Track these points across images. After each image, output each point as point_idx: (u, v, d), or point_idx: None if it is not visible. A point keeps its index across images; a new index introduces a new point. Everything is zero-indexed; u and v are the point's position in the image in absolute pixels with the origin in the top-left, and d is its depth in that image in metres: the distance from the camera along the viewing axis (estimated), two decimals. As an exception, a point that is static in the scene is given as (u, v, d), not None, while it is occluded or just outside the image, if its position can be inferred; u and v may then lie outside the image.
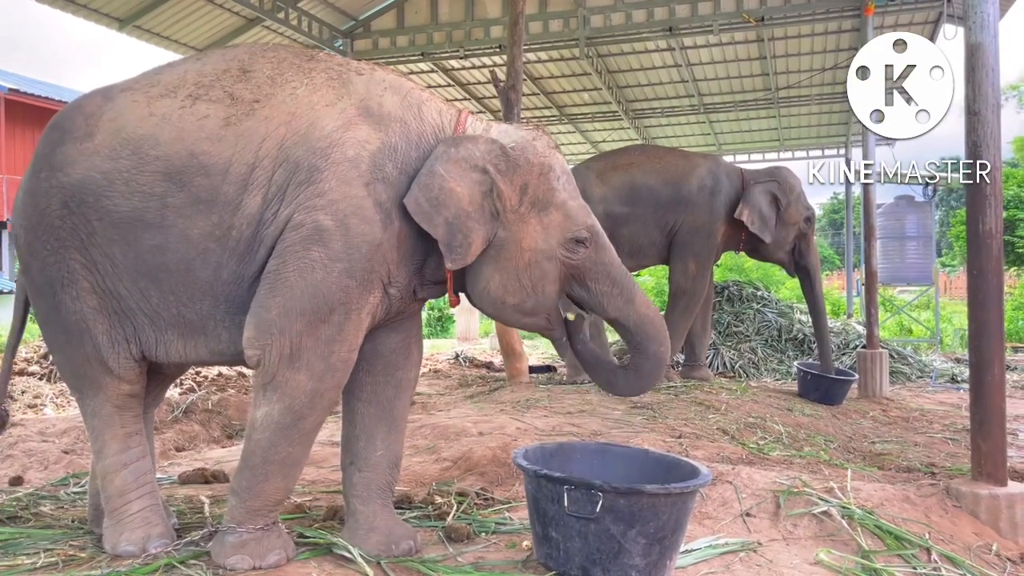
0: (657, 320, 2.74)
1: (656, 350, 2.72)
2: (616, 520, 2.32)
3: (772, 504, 3.34)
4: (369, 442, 2.73)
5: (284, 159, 2.48)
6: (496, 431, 4.89)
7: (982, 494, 3.31)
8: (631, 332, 2.71)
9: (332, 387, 2.50)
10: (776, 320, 10.30)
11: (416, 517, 3.15)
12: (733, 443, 5.11)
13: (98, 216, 2.52)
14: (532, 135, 2.65)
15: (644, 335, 2.71)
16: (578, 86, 13.14)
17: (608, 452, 2.87)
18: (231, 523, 2.50)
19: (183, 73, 2.64)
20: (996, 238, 3.41)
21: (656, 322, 2.73)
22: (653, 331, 2.72)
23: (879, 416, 7.05)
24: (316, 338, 2.43)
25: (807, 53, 11.79)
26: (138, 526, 2.62)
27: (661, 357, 2.73)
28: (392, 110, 2.60)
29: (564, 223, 2.60)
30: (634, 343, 2.73)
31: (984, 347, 3.42)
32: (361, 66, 2.72)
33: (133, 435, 2.70)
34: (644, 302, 2.72)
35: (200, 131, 2.49)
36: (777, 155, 16.57)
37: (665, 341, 2.74)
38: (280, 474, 2.50)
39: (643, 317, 2.70)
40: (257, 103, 2.54)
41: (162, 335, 2.60)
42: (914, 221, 14.55)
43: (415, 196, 2.48)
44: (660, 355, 2.72)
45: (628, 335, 2.73)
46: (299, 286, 2.40)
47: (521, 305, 2.65)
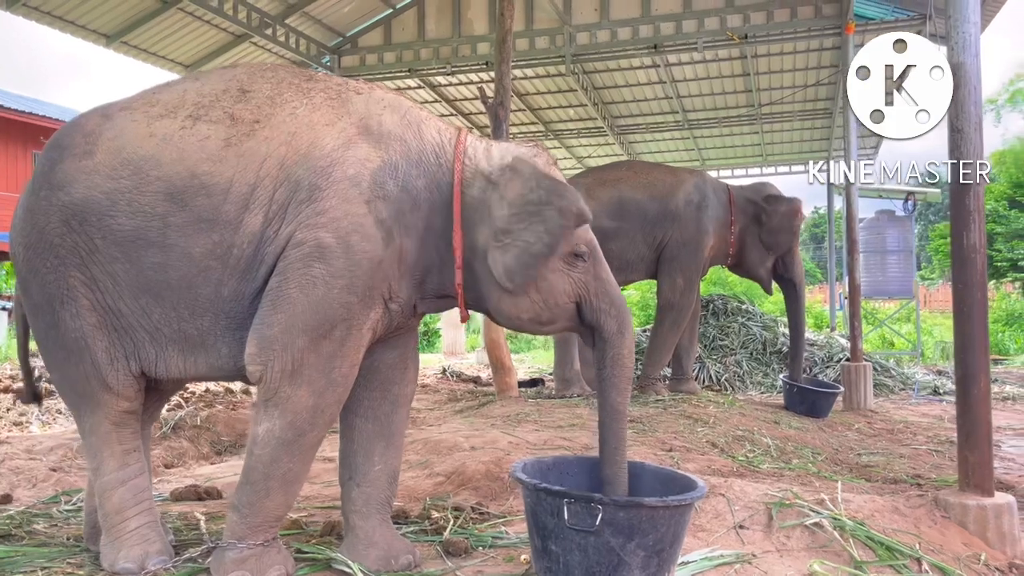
0: (627, 368, 2.68)
1: (614, 399, 2.65)
2: (615, 533, 2.34)
3: (764, 516, 3.38)
4: (367, 457, 2.75)
5: (285, 178, 2.51)
6: (488, 445, 4.91)
7: (970, 505, 3.36)
8: (604, 364, 2.67)
9: (333, 402, 2.52)
10: (761, 333, 10.38)
11: (413, 532, 3.16)
12: (723, 456, 5.15)
13: (100, 234, 2.53)
14: (532, 152, 2.69)
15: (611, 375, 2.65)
16: (564, 102, 13.26)
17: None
18: (231, 539, 2.51)
19: (182, 93, 2.67)
20: (980, 253, 3.47)
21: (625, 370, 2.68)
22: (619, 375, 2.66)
23: (864, 428, 7.12)
24: (318, 354, 2.45)
25: (789, 70, 11.96)
26: (136, 543, 2.62)
27: (617, 409, 2.66)
28: (392, 129, 2.63)
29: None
30: (600, 379, 2.69)
31: (970, 360, 3.48)
32: (360, 85, 2.76)
33: (131, 452, 2.71)
34: (630, 342, 2.69)
35: (201, 152, 2.52)
36: (760, 170, 16.78)
37: (624, 392, 2.68)
38: (281, 490, 2.52)
39: (619, 357, 2.66)
40: (257, 123, 2.57)
41: (162, 351, 2.61)
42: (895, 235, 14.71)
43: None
44: (616, 406, 2.65)
45: (600, 366, 2.69)
46: (301, 303, 2.43)
47: (537, 318, 2.69)
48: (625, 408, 2.68)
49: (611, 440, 2.65)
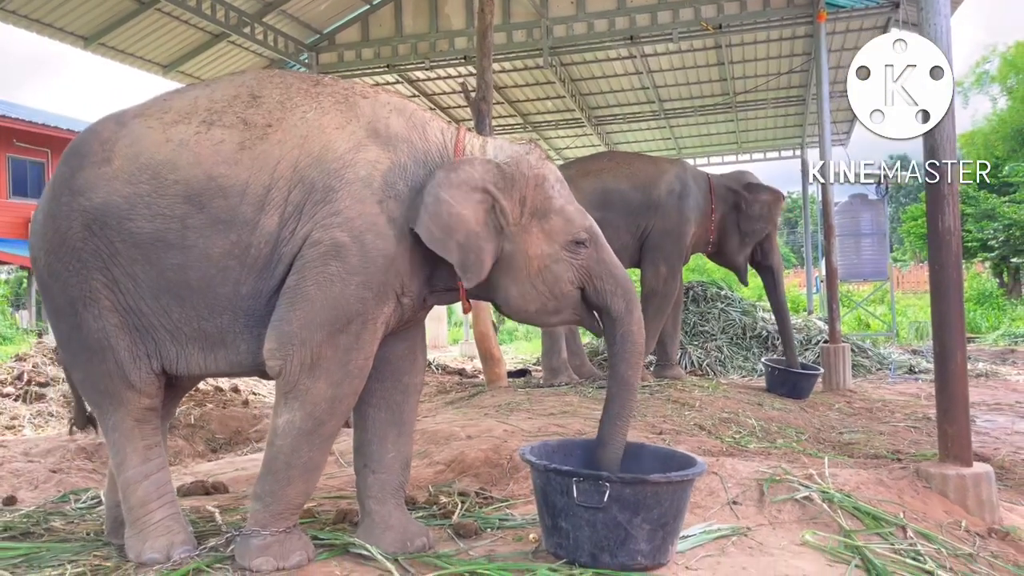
0: (639, 343, 2.79)
1: (625, 371, 2.76)
2: (622, 508, 2.48)
3: (757, 492, 3.52)
4: (381, 445, 2.86)
5: (299, 180, 2.61)
6: (484, 434, 5.02)
7: (950, 475, 3.51)
8: (614, 341, 2.78)
9: (350, 393, 2.64)
10: (740, 319, 10.56)
11: (423, 516, 3.28)
12: (711, 437, 5.31)
13: (121, 238, 2.62)
14: (524, 149, 2.80)
15: (622, 350, 2.75)
16: (542, 94, 13.38)
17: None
18: (255, 526, 2.61)
19: (194, 100, 2.76)
20: (955, 235, 3.62)
21: (637, 345, 2.78)
22: (631, 350, 2.75)
23: (844, 408, 7.32)
24: (335, 347, 2.56)
25: (763, 59, 12.16)
26: (161, 534, 2.72)
27: (628, 380, 2.75)
28: (399, 131, 2.74)
29: (564, 227, 2.76)
30: (612, 354, 2.81)
31: (947, 338, 3.63)
32: (366, 90, 2.86)
33: (153, 447, 2.80)
34: (639, 318, 2.79)
35: (216, 155, 2.61)
36: (736, 157, 17.01)
37: (636, 366, 2.78)
38: (302, 478, 2.63)
39: (630, 333, 2.76)
40: (270, 127, 2.66)
41: (183, 349, 2.71)
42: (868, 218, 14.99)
43: (426, 224, 2.60)
44: (627, 378, 2.75)
45: (611, 343, 2.80)
46: (319, 299, 2.53)
47: (544, 308, 2.80)
48: (635, 380, 2.79)
49: (614, 407, 2.76)
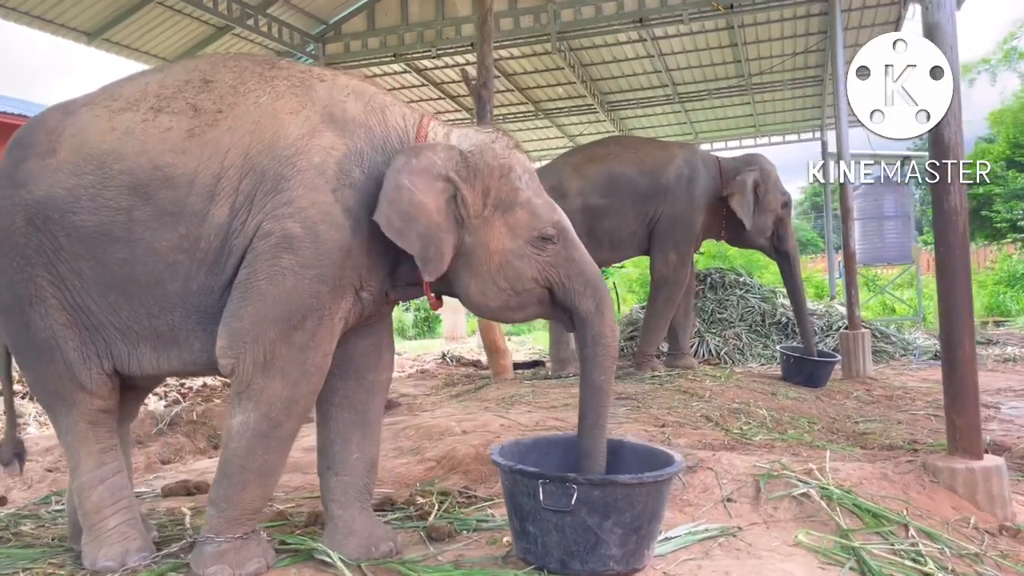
0: (611, 345, 2.63)
1: (597, 378, 2.60)
2: (592, 512, 2.33)
3: (752, 488, 3.37)
4: (345, 446, 2.74)
5: (250, 168, 2.48)
6: (480, 429, 4.90)
7: (958, 468, 3.34)
8: (585, 344, 2.62)
9: (307, 393, 2.51)
10: (759, 305, 10.35)
11: (398, 518, 3.16)
12: (716, 430, 5.14)
13: (65, 232, 2.51)
14: (491, 137, 2.65)
15: (593, 354, 2.60)
16: (552, 80, 13.15)
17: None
18: (209, 533, 2.50)
19: (144, 86, 2.64)
20: (961, 214, 3.43)
21: (609, 348, 2.62)
22: (602, 353, 2.59)
23: (863, 396, 7.10)
24: (290, 345, 2.43)
25: (777, 39, 11.84)
26: (116, 541, 2.62)
27: (601, 387, 2.60)
28: (356, 115, 2.60)
29: (530, 221, 2.59)
30: (582, 358, 2.64)
31: (954, 322, 3.44)
32: (324, 72, 2.73)
33: (108, 451, 2.70)
34: (610, 319, 2.64)
35: (163, 143, 2.49)
36: (754, 141, 16.63)
37: (608, 371, 2.63)
38: (258, 482, 2.51)
39: (601, 335, 2.60)
40: (220, 113, 2.54)
41: (134, 348, 2.60)
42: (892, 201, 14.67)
43: (384, 212, 2.46)
44: (600, 385, 2.60)
45: (582, 346, 2.64)
46: (271, 294, 2.41)
47: (506, 305, 2.65)
48: (608, 386, 2.64)
49: (590, 415, 2.61)
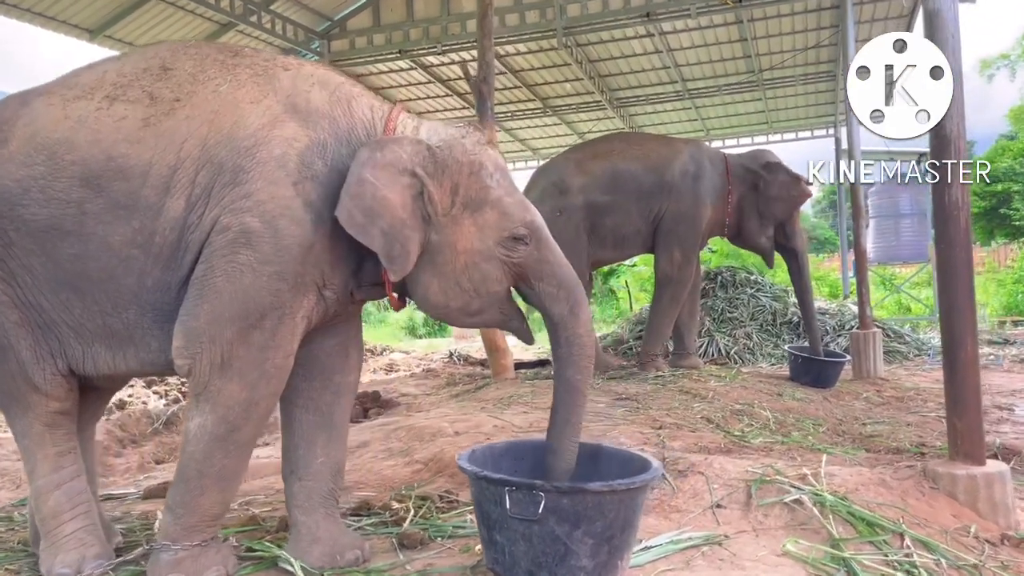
0: (587, 346, 2.52)
1: (574, 377, 2.50)
2: (560, 521, 2.22)
3: (744, 494, 3.25)
4: (309, 450, 2.64)
5: (207, 160, 2.38)
6: (472, 430, 4.79)
7: (959, 474, 3.20)
8: (559, 345, 2.51)
9: (267, 395, 2.41)
10: (771, 304, 10.21)
11: (373, 524, 3.06)
12: (716, 432, 5.01)
13: (14, 226, 2.42)
14: (461, 133, 2.53)
15: (569, 354, 2.48)
16: (559, 77, 13.02)
17: (563, 449, 2.76)
18: (165, 540, 2.41)
19: (102, 74, 2.55)
20: (963, 210, 3.29)
21: (585, 348, 2.51)
22: (578, 354, 2.48)
23: (873, 397, 6.94)
24: (248, 345, 2.33)
25: (788, 33, 11.65)
26: (73, 547, 2.53)
27: (577, 387, 2.50)
28: (320, 106, 2.50)
29: (500, 221, 2.47)
30: (557, 358, 2.54)
31: (955, 323, 3.31)
32: (288, 61, 2.63)
33: (65, 454, 2.60)
34: (586, 321, 2.52)
35: (117, 133, 2.39)
36: (766, 138, 16.38)
37: (585, 371, 2.52)
38: (216, 487, 2.41)
39: (576, 336, 2.48)
40: (178, 102, 2.44)
41: (88, 347, 2.50)
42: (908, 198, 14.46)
43: (346, 207, 2.35)
44: (577, 385, 2.49)
45: (556, 348, 2.53)
46: (228, 291, 2.31)
47: (466, 308, 2.54)
48: (584, 386, 2.53)
49: (562, 412, 2.50)
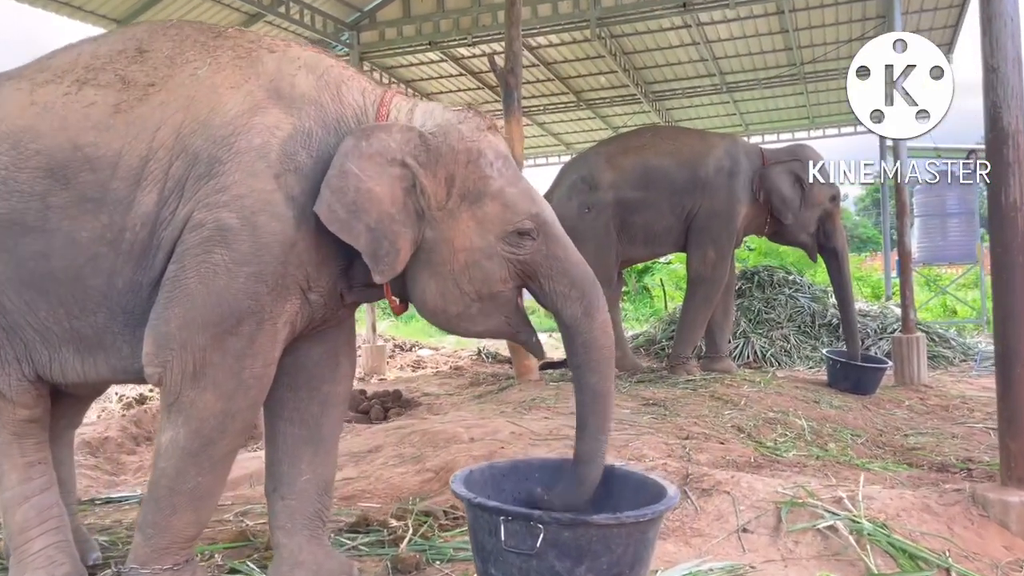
0: (607, 348, 2.28)
1: (596, 384, 2.25)
2: (561, 556, 1.99)
3: (773, 517, 3.00)
4: (293, 466, 2.43)
5: (182, 150, 2.18)
6: (488, 436, 4.58)
7: (1012, 501, 2.93)
8: (575, 352, 2.28)
9: (245, 407, 2.20)
10: (809, 305, 9.86)
11: (369, 543, 2.85)
12: (746, 443, 4.73)
13: None
14: (458, 117, 2.30)
15: (587, 360, 2.25)
16: (593, 69, 12.70)
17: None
18: (134, 563, 2.22)
19: (76, 56, 2.36)
20: (1022, 210, 3.01)
21: (605, 351, 2.27)
22: (597, 358, 2.25)
23: (916, 405, 6.59)
24: (223, 352, 2.13)
25: (832, 24, 11.22)
26: (41, 566, 2.35)
27: (600, 392, 2.26)
28: (306, 91, 2.29)
29: (502, 214, 2.25)
30: (574, 365, 2.30)
31: (1010, 334, 3.04)
32: (275, 43, 2.42)
33: (35, 465, 2.42)
34: (603, 322, 2.28)
35: (85, 120, 2.20)
36: (807, 133, 15.89)
37: (607, 376, 2.29)
38: (190, 507, 2.21)
39: (594, 340, 2.25)
40: (152, 87, 2.24)
41: (56, 352, 2.32)
42: (956, 197, 13.98)
43: (327, 202, 2.14)
44: (599, 389, 2.26)
45: (572, 353, 2.29)
46: (200, 294, 2.11)
47: (466, 312, 2.30)
48: (609, 389, 2.29)
49: (592, 421, 2.26)
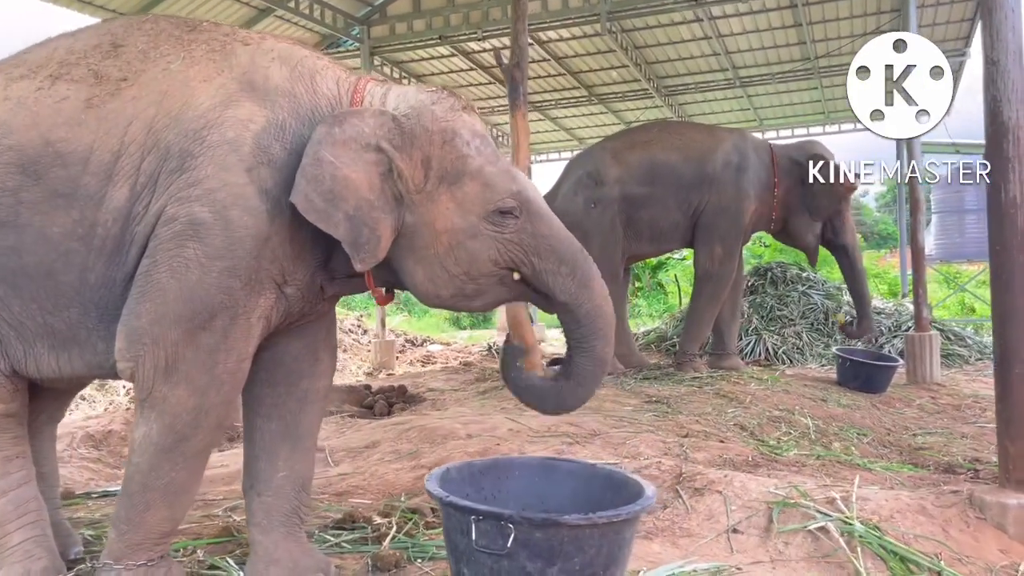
0: (609, 315, 2.32)
1: (602, 350, 2.31)
2: (533, 556, 1.95)
3: (764, 518, 2.96)
4: (270, 463, 2.41)
5: (154, 144, 2.17)
6: (485, 433, 4.55)
7: (1010, 504, 2.87)
8: (579, 323, 2.30)
9: (219, 403, 2.19)
10: (822, 302, 9.74)
11: (352, 540, 2.83)
12: (748, 441, 4.68)
13: None
14: (431, 98, 2.27)
15: (592, 329, 2.30)
16: (605, 64, 12.63)
17: (553, 468, 2.48)
18: (108, 558, 2.21)
19: (52, 51, 2.35)
20: (1022, 208, 2.95)
21: (608, 317, 2.32)
22: (603, 325, 2.31)
23: (927, 404, 6.50)
24: (196, 348, 2.12)
25: (846, 17, 11.08)
26: (18, 560, 2.34)
27: (604, 359, 2.34)
28: (280, 83, 2.26)
29: (482, 193, 2.23)
30: (578, 337, 2.31)
31: (1009, 334, 2.98)
32: (249, 35, 2.40)
33: (13, 459, 2.41)
34: (601, 290, 2.32)
35: (57, 115, 2.19)
36: (823, 128, 15.71)
37: (611, 342, 2.34)
38: (163, 503, 2.20)
39: (597, 308, 2.29)
40: (124, 81, 2.23)
41: (30, 348, 2.30)
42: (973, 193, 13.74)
43: (303, 192, 2.12)
44: (604, 356, 2.33)
45: (574, 326, 2.31)
46: (172, 289, 2.10)
47: (461, 292, 2.30)
48: (610, 354, 2.39)
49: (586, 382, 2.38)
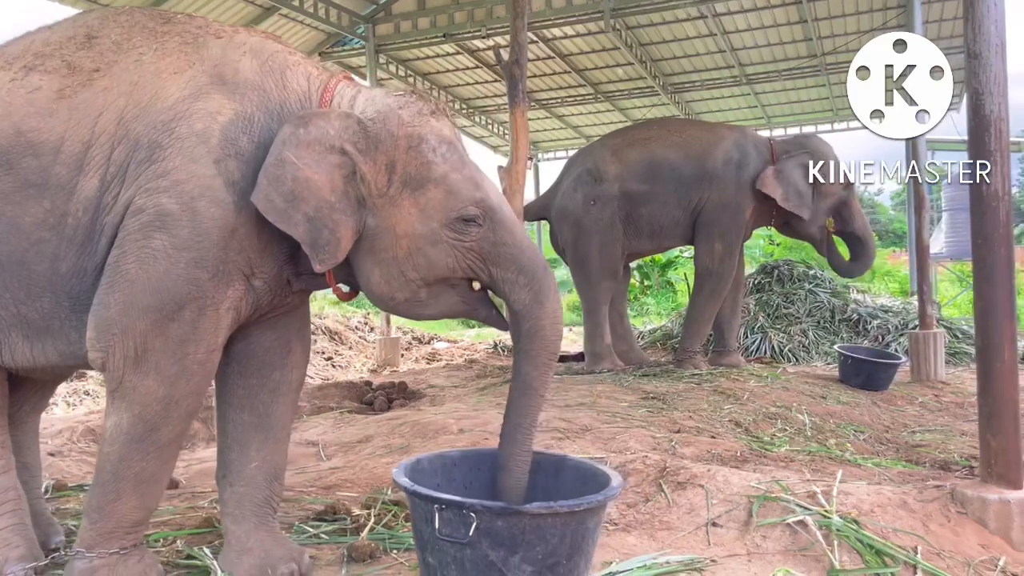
0: (559, 331, 2.27)
1: (546, 361, 2.23)
2: (495, 545, 1.96)
3: (744, 512, 2.95)
4: (242, 453, 2.43)
5: (124, 135, 2.20)
6: (477, 428, 4.57)
7: (991, 499, 2.85)
8: (519, 337, 2.25)
9: (189, 393, 2.21)
10: (829, 300, 9.68)
11: (330, 531, 2.85)
12: (741, 437, 4.67)
13: None
14: (399, 103, 2.27)
15: (528, 348, 2.23)
16: (610, 61, 12.60)
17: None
18: (80, 547, 2.23)
19: (29, 43, 2.39)
20: (1004, 200, 2.93)
21: (557, 333, 2.26)
22: (551, 340, 2.24)
23: (930, 402, 6.46)
24: (165, 338, 2.14)
25: (852, 13, 11.01)
26: (-6, 547, 2.38)
27: (549, 368, 2.25)
28: (250, 76, 2.29)
29: (445, 201, 2.22)
30: (525, 347, 2.25)
31: (992, 328, 2.95)
32: (222, 28, 2.42)
33: (-9, 448, 2.46)
34: (554, 306, 2.25)
35: (29, 105, 2.22)
36: (831, 126, 15.62)
37: (556, 354, 2.27)
38: (134, 492, 2.22)
39: (540, 330, 2.22)
40: (96, 72, 2.26)
41: (5, 338, 2.33)
42: (984, 191, 13.50)
43: (264, 191, 2.14)
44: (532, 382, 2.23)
45: (524, 337, 2.25)
46: (140, 279, 2.12)
47: (415, 298, 2.29)
48: (541, 385, 2.25)
49: (513, 416, 2.24)
